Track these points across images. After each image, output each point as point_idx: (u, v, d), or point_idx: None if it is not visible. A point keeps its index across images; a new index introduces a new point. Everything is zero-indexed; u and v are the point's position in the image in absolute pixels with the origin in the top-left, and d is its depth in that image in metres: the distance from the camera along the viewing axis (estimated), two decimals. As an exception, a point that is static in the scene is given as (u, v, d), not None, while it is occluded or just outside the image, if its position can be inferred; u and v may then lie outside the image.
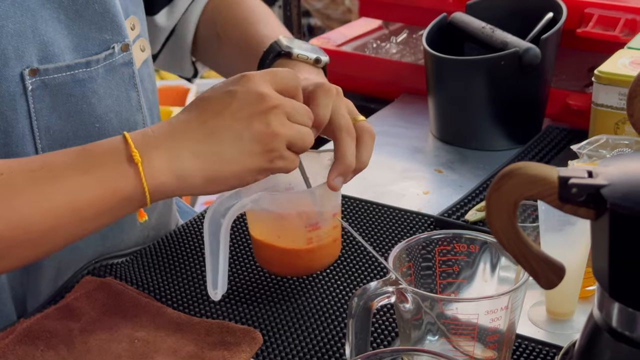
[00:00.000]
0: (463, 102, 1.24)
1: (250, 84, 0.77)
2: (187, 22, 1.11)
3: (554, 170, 0.52)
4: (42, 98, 0.86)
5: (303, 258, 0.88)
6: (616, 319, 0.53)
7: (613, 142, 0.95)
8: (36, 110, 0.86)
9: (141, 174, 0.74)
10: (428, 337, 0.72)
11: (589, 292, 0.85)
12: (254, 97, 0.76)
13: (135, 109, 0.95)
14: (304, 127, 0.78)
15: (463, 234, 0.76)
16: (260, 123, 0.75)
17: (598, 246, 0.52)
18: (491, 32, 1.23)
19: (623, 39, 1.22)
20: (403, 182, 1.16)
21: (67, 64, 0.87)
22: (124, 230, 1.00)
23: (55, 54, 0.86)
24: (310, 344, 0.82)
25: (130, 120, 0.95)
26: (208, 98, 0.78)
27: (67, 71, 0.87)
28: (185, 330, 0.83)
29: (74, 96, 0.89)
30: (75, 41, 0.88)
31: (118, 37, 0.91)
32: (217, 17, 1.11)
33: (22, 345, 0.80)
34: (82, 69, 0.88)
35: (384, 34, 1.62)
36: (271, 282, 0.92)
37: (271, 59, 0.98)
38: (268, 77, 0.78)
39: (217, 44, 1.10)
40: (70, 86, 0.88)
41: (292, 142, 0.77)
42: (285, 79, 0.79)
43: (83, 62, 0.88)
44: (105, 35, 0.90)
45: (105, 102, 0.91)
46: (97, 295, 0.88)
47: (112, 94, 0.92)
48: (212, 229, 0.82)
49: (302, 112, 0.79)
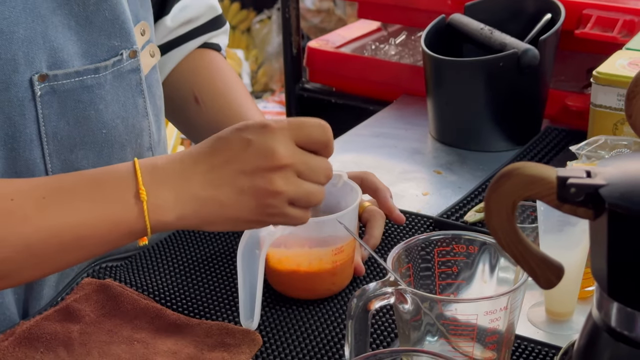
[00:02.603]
0: (462, 103, 1.24)
1: (267, 137, 0.76)
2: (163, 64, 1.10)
3: (553, 170, 0.52)
4: (51, 104, 0.86)
5: (326, 281, 0.89)
6: (615, 318, 0.53)
7: (612, 142, 0.95)
8: (44, 115, 0.86)
9: (145, 212, 0.76)
10: (427, 338, 0.72)
11: (588, 292, 0.86)
12: (265, 152, 0.75)
13: (141, 115, 0.96)
14: (314, 185, 0.78)
15: (462, 235, 0.76)
16: (263, 180, 0.76)
17: (597, 246, 0.52)
18: (490, 34, 1.23)
19: (621, 40, 1.22)
20: (402, 183, 1.16)
21: (76, 70, 0.87)
22: None
23: (64, 60, 0.86)
24: (310, 345, 0.82)
25: (137, 126, 0.95)
26: (224, 140, 0.78)
27: (76, 77, 0.88)
28: (184, 332, 0.83)
29: (82, 102, 0.89)
30: (84, 47, 0.88)
31: (127, 43, 0.91)
32: (195, 78, 1.11)
33: (22, 347, 0.80)
34: (91, 75, 0.89)
35: (382, 35, 1.62)
36: (270, 284, 0.92)
37: None
38: (292, 131, 0.77)
39: (195, 109, 1.10)
40: (78, 92, 0.88)
41: (296, 200, 0.77)
42: (312, 134, 0.78)
43: (92, 69, 0.89)
44: (114, 41, 0.90)
45: (112, 108, 0.91)
46: (96, 297, 0.88)
47: (119, 100, 0.92)
48: (246, 260, 0.82)
49: (318, 171, 0.78)
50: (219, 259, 0.97)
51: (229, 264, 0.96)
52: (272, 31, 3.64)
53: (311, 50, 1.56)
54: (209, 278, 0.94)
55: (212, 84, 1.11)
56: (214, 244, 1.00)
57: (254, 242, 0.83)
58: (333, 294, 0.90)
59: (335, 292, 0.90)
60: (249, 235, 0.83)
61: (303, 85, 1.58)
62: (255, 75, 3.68)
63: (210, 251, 0.99)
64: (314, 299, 0.89)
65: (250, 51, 3.73)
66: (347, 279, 0.91)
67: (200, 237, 1.01)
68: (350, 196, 0.90)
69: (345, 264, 0.89)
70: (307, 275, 0.87)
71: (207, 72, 1.12)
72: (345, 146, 1.29)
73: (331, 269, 0.88)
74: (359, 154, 1.26)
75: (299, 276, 0.88)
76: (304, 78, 1.59)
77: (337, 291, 0.90)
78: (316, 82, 1.58)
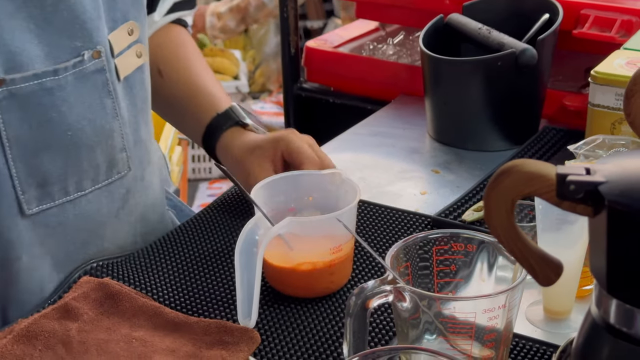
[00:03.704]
0: (460, 103, 1.24)
1: None
2: None
3: (552, 167, 0.52)
4: (10, 108, 0.85)
5: (324, 279, 0.89)
6: (614, 315, 0.53)
7: (610, 142, 0.95)
8: (5, 120, 0.85)
9: None
10: (426, 336, 0.72)
11: (586, 291, 0.86)
12: None
13: (110, 116, 0.94)
14: None
15: (460, 233, 0.76)
16: None
17: (596, 243, 0.52)
18: (488, 33, 1.24)
19: (619, 40, 1.22)
20: (400, 182, 1.16)
21: (34, 72, 0.86)
22: (105, 238, 0.99)
23: (24, 63, 0.85)
24: (308, 343, 0.82)
25: (106, 127, 0.94)
26: None
27: (35, 80, 0.86)
28: (183, 330, 0.83)
29: (42, 105, 0.87)
30: (46, 49, 0.87)
31: (89, 44, 0.90)
32: (161, 52, 1.12)
33: (20, 345, 0.80)
34: (50, 77, 0.87)
35: (380, 35, 1.62)
36: (269, 282, 0.92)
37: (228, 126, 1.07)
38: None
39: (159, 82, 1.12)
40: (38, 95, 0.87)
41: None
42: None
43: (51, 70, 0.88)
44: (77, 42, 0.89)
45: (76, 110, 0.90)
46: (95, 295, 0.87)
47: (84, 102, 0.91)
48: (244, 258, 0.82)
49: None
50: (217, 257, 0.97)
51: (227, 262, 0.96)
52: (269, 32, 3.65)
53: (309, 50, 1.56)
54: (207, 276, 0.94)
55: (175, 59, 1.12)
56: (212, 242, 1.00)
57: (252, 240, 0.83)
58: (331, 292, 0.90)
59: (333, 290, 0.90)
60: (247, 233, 0.83)
61: (301, 85, 1.58)
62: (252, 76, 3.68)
63: (209, 249, 0.99)
64: (312, 297, 0.89)
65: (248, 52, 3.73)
66: (345, 277, 0.91)
67: (198, 236, 1.01)
68: (349, 195, 0.90)
69: (343, 262, 0.89)
70: (305, 273, 0.87)
71: (173, 46, 1.15)
72: (343, 145, 1.29)
73: (329, 267, 0.88)
74: (357, 153, 1.26)
75: (297, 274, 0.88)
76: (302, 78, 1.59)
77: (336, 289, 0.90)
78: (314, 81, 1.58)
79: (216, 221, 1.05)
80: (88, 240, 0.96)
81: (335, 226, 0.84)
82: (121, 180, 0.97)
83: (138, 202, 1.02)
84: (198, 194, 3.21)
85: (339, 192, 0.91)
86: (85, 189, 0.94)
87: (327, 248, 0.87)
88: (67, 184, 0.92)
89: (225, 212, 1.07)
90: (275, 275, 0.90)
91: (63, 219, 0.93)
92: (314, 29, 3.87)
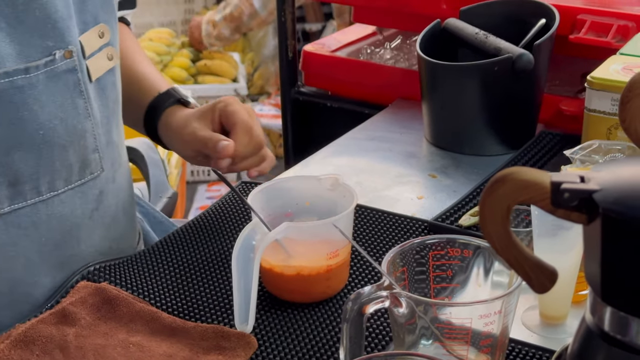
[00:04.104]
0: (457, 107, 1.24)
1: None
2: None
3: (547, 175, 0.52)
4: None
5: (321, 284, 0.89)
6: (608, 322, 0.53)
7: (606, 147, 0.95)
8: None
9: None
10: (422, 342, 0.72)
11: (582, 296, 0.86)
12: None
13: (82, 116, 0.94)
14: None
15: (457, 239, 0.77)
16: None
17: (590, 250, 0.52)
18: (484, 38, 1.24)
19: (615, 45, 1.22)
20: (397, 187, 1.17)
21: (6, 70, 0.86)
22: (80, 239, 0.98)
23: None
24: (305, 349, 0.83)
25: (78, 127, 0.94)
26: None
27: (5, 78, 0.87)
28: (180, 335, 0.84)
29: (14, 103, 0.88)
30: (17, 48, 0.87)
31: (61, 43, 0.90)
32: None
33: (18, 350, 0.80)
34: (21, 76, 0.88)
35: (378, 39, 1.63)
36: (265, 287, 0.92)
37: (170, 103, 1.09)
38: None
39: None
40: (9, 93, 0.87)
41: None
42: None
43: (22, 69, 0.88)
44: (49, 41, 0.89)
45: (48, 109, 0.90)
46: (92, 300, 0.88)
47: (56, 101, 0.91)
48: (241, 264, 0.82)
49: None
50: (214, 262, 0.97)
51: (224, 267, 0.96)
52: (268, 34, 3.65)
53: (307, 54, 1.56)
54: (204, 281, 0.94)
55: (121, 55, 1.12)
56: (209, 248, 1.00)
57: (249, 246, 0.83)
58: (328, 297, 0.90)
59: (330, 296, 0.90)
60: (244, 238, 0.83)
61: (299, 89, 1.58)
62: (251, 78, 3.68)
63: (206, 254, 0.99)
64: (309, 302, 0.89)
65: (246, 54, 3.73)
66: (342, 283, 0.91)
67: (196, 241, 1.02)
68: (346, 200, 0.90)
69: (340, 267, 0.89)
70: (302, 278, 0.88)
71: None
72: (340, 150, 1.30)
73: (326, 273, 0.88)
74: (354, 157, 1.26)
75: (294, 279, 0.88)
76: (299, 82, 1.59)
77: (332, 294, 0.90)
78: (312, 85, 1.58)
79: (213, 226, 1.05)
80: (62, 242, 0.96)
81: (332, 231, 0.85)
82: (94, 181, 0.98)
83: (111, 203, 1.02)
84: (197, 197, 3.22)
85: (336, 197, 0.92)
86: (58, 189, 0.94)
87: (324, 253, 0.87)
88: (39, 184, 0.92)
89: (222, 217, 1.07)
90: (272, 280, 0.90)
91: (36, 219, 0.92)
92: (312, 32, 3.88)
